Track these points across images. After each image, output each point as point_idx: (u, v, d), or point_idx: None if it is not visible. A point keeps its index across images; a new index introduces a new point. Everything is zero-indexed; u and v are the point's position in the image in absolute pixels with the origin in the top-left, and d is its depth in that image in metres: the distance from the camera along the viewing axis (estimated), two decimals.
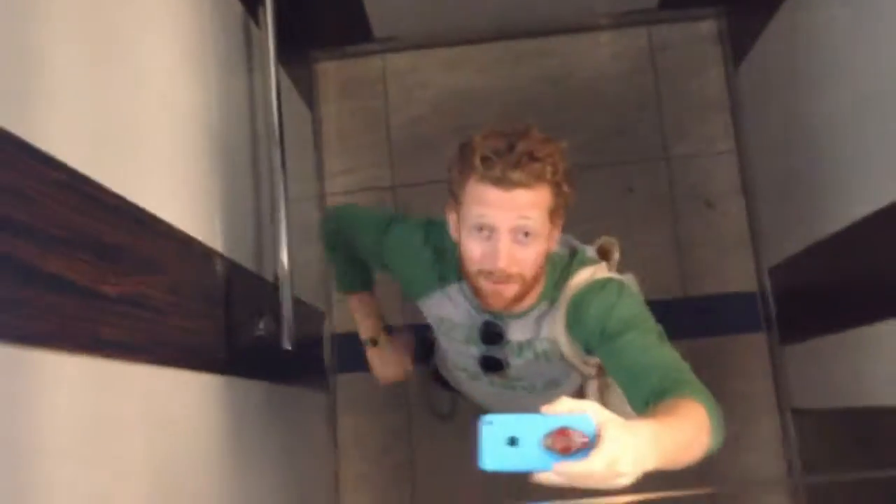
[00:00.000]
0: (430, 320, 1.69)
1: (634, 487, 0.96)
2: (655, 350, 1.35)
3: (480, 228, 1.34)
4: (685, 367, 1.32)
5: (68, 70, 1.09)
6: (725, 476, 2.70)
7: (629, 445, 0.90)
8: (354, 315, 2.00)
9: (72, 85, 1.10)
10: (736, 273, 2.78)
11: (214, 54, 1.79)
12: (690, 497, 2.70)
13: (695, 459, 1.11)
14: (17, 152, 0.93)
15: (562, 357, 1.56)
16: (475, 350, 1.63)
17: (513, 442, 0.87)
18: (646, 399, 1.25)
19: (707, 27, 2.88)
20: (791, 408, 2.63)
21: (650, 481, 0.98)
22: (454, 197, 1.40)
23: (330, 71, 2.93)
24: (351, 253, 1.83)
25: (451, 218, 1.45)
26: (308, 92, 2.81)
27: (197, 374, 1.49)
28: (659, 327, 1.42)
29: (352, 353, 2.76)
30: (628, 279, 1.64)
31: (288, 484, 2.07)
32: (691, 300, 2.78)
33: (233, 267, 1.76)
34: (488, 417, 0.88)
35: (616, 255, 1.65)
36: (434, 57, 2.92)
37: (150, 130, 1.39)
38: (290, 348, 1.96)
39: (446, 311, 1.61)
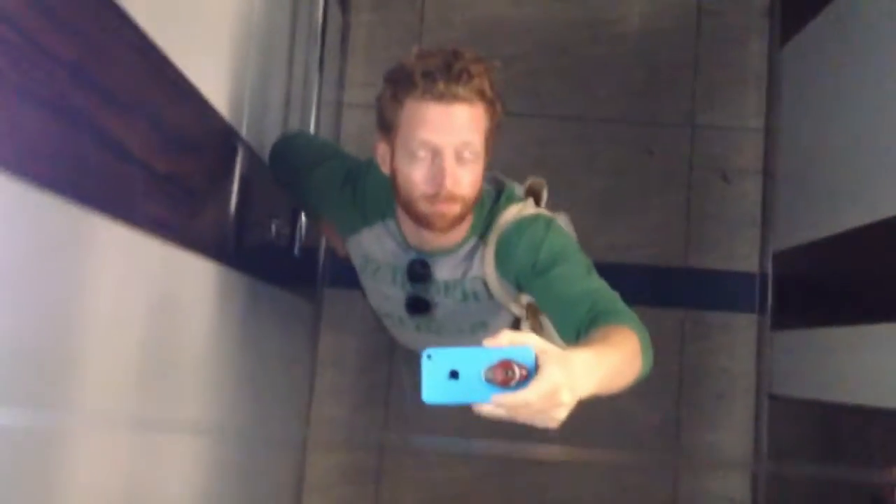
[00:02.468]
0: (356, 263, 1.67)
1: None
2: (585, 281, 1.37)
3: (422, 151, 1.34)
4: (615, 295, 1.34)
5: None
6: (694, 449, 2.74)
7: (566, 374, 0.91)
8: (332, 239, 1.98)
9: None
10: (740, 252, 2.77)
11: None
12: (654, 470, 2.76)
13: (627, 385, 1.14)
14: (101, 6, 0.88)
15: (490, 296, 1.55)
16: (401, 292, 1.61)
17: (454, 375, 0.88)
18: (577, 328, 1.27)
19: None
20: (769, 392, 2.65)
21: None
22: (386, 127, 1.39)
23: None
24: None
25: (381, 149, 1.43)
26: None
27: (208, 260, 1.46)
28: (588, 260, 1.43)
29: (341, 269, 2.74)
30: (562, 218, 1.64)
31: (263, 383, 2.06)
32: (691, 271, 2.78)
33: (257, 163, 1.71)
34: (430, 350, 0.89)
35: (545, 195, 1.63)
36: None
37: (208, 11, 1.34)
38: (297, 255, 1.93)
39: (372, 249, 1.59)
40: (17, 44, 0.72)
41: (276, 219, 1.84)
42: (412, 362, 0.92)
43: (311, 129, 1.99)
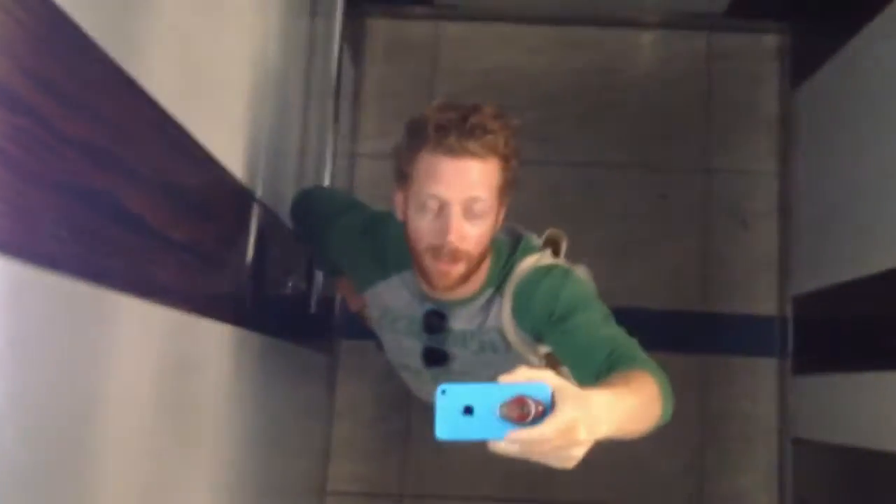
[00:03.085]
0: (373, 314, 1.66)
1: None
2: (603, 329, 1.35)
3: (431, 203, 1.33)
4: (633, 343, 1.32)
5: (172, 8, 1.07)
6: (717, 494, 2.70)
7: (584, 412, 0.88)
8: (345, 293, 1.98)
9: (173, 24, 1.07)
10: (758, 295, 2.75)
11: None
12: None
13: (646, 430, 1.11)
14: (117, 84, 0.88)
15: (508, 347, 1.53)
16: (417, 344, 1.59)
17: (468, 411, 0.86)
18: (595, 375, 1.25)
19: (770, 42, 2.82)
20: (793, 437, 2.61)
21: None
22: (402, 176, 1.39)
23: (380, 28, 2.86)
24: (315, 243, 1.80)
25: (398, 198, 1.42)
26: (355, 46, 2.74)
27: (224, 324, 1.45)
28: (606, 309, 1.41)
29: (357, 319, 2.73)
30: (581, 270, 1.63)
31: (281, 439, 2.04)
32: (710, 315, 2.75)
33: (272, 220, 1.71)
34: (444, 386, 0.86)
35: (564, 246, 1.62)
36: (489, 31, 2.85)
37: (221, 72, 1.36)
38: (314, 311, 1.92)
39: (389, 300, 1.58)
40: (38, 134, 0.72)
41: (291, 275, 1.84)
42: (429, 413, 0.89)
43: (326, 180, 2.00)
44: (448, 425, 0.85)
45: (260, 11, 1.61)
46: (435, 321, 1.54)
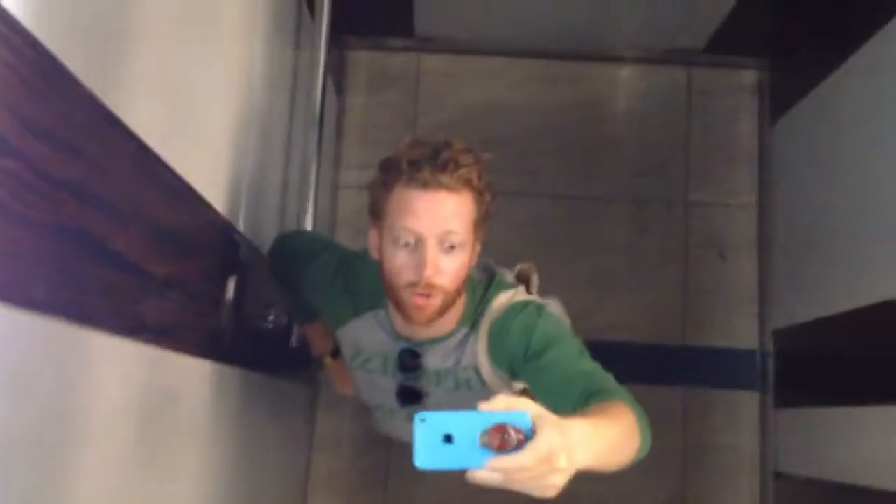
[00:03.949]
0: (346, 354, 1.65)
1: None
2: (578, 363, 1.36)
3: (406, 239, 1.33)
4: (609, 377, 1.32)
5: (157, 44, 1.06)
6: None
7: (564, 440, 0.88)
8: (309, 336, 1.98)
9: (157, 60, 1.07)
10: (738, 329, 2.76)
11: (264, 30, 1.73)
12: None
13: (624, 463, 1.10)
14: (103, 123, 0.87)
15: (483, 385, 1.52)
16: (391, 382, 1.59)
17: (448, 439, 0.85)
18: (572, 409, 1.24)
19: (749, 78, 2.86)
20: (774, 471, 2.61)
21: None
22: (376, 214, 1.40)
23: (362, 60, 2.86)
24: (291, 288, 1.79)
25: (372, 237, 1.43)
26: (337, 78, 2.74)
27: (203, 361, 1.43)
28: (580, 344, 1.42)
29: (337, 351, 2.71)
30: (553, 303, 1.64)
31: (261, 474, 2.01)
32: (690, 349, 2.76)
33: (254, 254, 1.70)
34: (423, 414, 0.85)
35: (535, 280, 1.64)
36: (471, 64, 2.87)
37: (205, 107, 1.35)
38: (295, 345, 1.90)
39: (362, 339, 1.58)
40: (24, 176, 0.71)
41: (272, 308, 1.82)
42: (408, 448, 0.88)
43: (309, 212, 1.98)
44: (427, 454, 0.84)
45: (244, 45, 1.60)
46: (409, 360, 1.53)
